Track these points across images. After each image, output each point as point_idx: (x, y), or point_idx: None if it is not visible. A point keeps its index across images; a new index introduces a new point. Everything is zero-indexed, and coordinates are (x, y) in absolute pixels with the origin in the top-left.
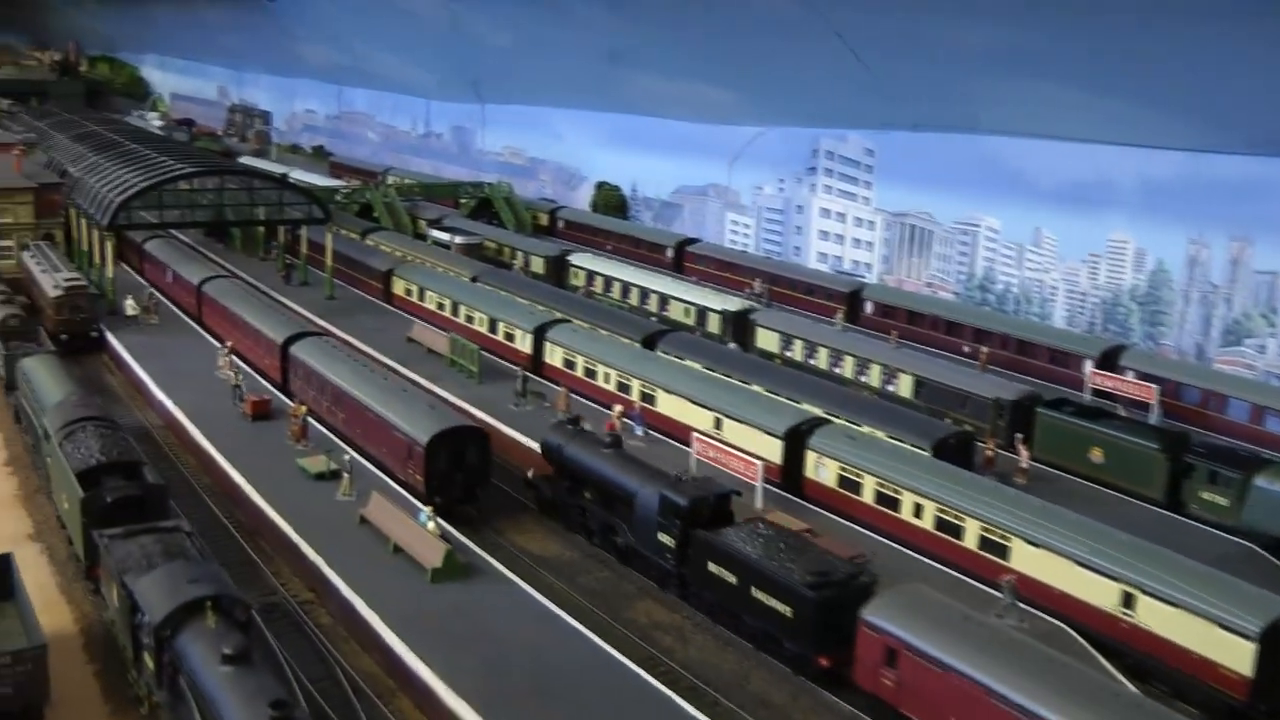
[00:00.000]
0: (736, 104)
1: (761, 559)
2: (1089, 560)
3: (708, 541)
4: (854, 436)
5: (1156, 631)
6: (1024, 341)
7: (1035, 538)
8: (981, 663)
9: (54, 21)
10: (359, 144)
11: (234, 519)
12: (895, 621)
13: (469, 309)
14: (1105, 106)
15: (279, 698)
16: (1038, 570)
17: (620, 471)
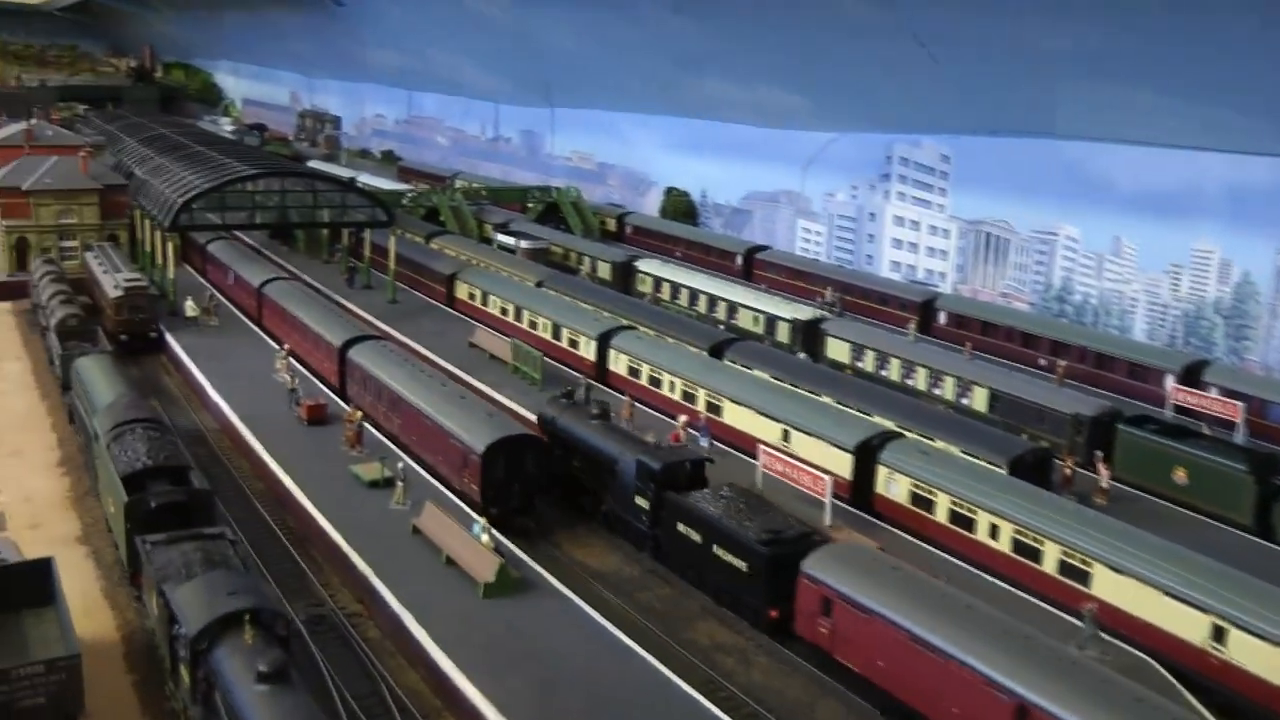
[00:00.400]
0: (809, 109)
1: (722, 518)
2: (1176, 590)
3: (677, 503)
4: (927, 452)
5: (1248, 668)
6: (1102, 355)
7: (1119, 564)
8: (904, 610)
9: (131, 29)
10: (428, 149)
11: (285, 526)
12: (831, 573)
13: (532, 314)
14: (1192, 110)
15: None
16: (1121, 599)
17: (604, 440)
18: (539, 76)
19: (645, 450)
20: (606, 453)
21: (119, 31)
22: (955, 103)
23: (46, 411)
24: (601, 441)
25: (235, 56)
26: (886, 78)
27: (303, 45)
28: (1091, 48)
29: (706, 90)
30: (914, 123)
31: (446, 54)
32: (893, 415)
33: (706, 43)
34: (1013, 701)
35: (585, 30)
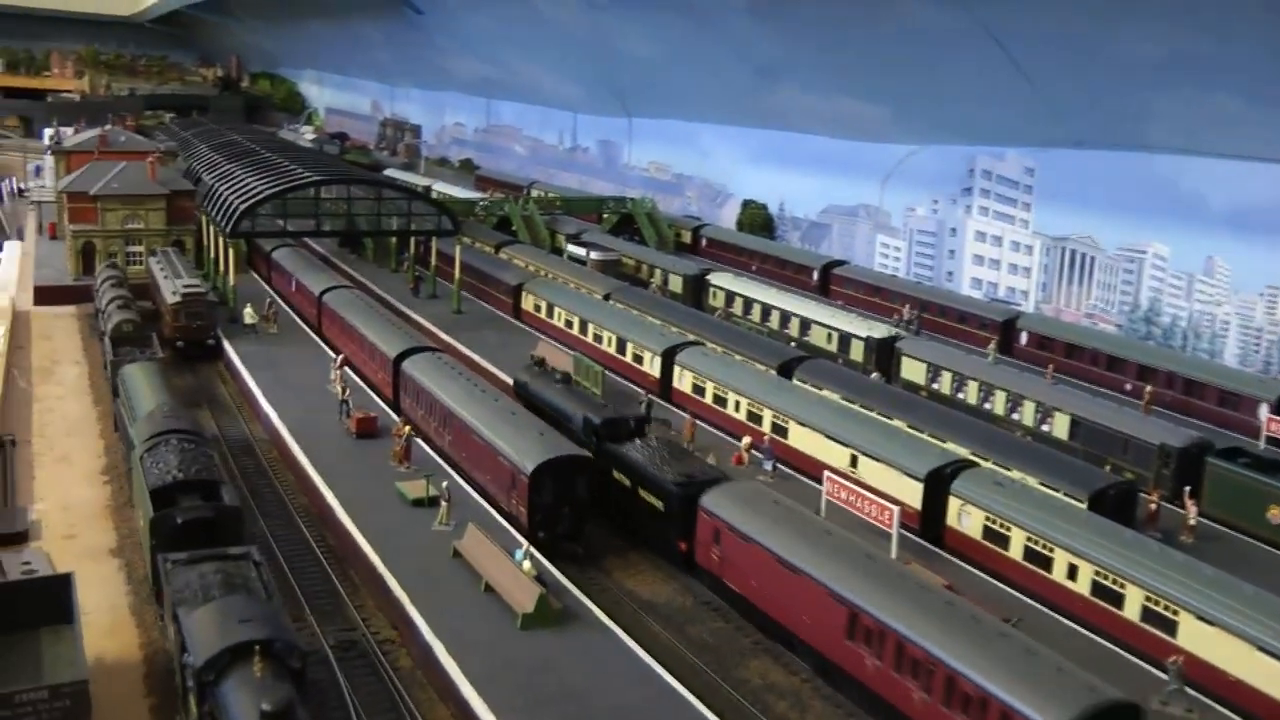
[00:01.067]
0: (889, 120)
1: (646, 464)
2: (1272, 646)
3: (612, 452)
4: (1002, 483)
5: None
6: (1192, 381)
7: (1208, 613)
8: (772, 536)
9: (220, 40)
10: (506, 157)
11: (325, 543)
12: (721, 507)
13: (597, 327)
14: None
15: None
16: (1210, 652)
17: (564, 401)
18: (615, 85)
19: (594, 408)
20: (565, 411)
21: (208, 42)
22: (1040, 113)
23: (98, 418)
24: (561, 402)
25: (319, 66)
26: (969, 86)
27: (384, 54)
28: (1187, 53)
29: (785, 100)
30: (997, 134)
31: (524, 62)
32: (967, 442)
33: (785, 51)
34: (845, 608)
35: (661, 38)
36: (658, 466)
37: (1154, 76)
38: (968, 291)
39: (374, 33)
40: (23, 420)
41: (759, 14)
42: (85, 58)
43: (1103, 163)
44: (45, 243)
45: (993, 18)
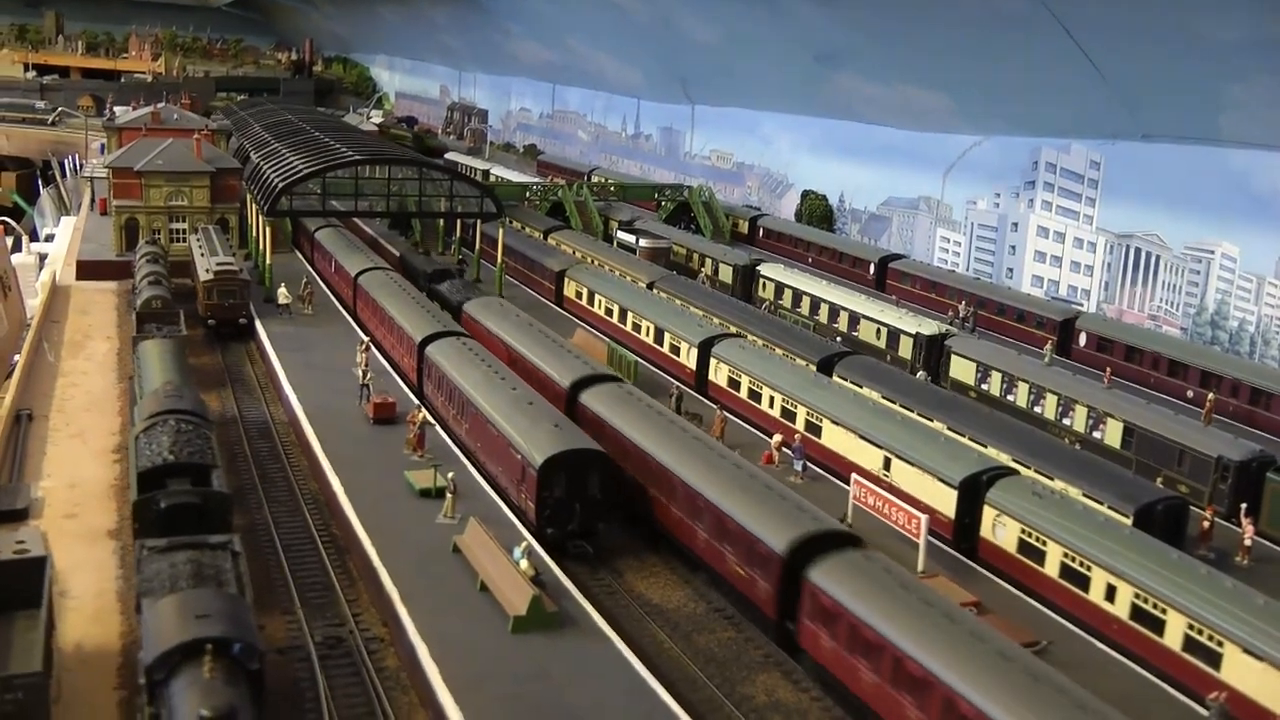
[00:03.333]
0: (953, 110)
1: (448, 293)
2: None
3: (432, 289)
4: (1041, 494)
5: None
6: (1258, 390)
7: (1256, 647)
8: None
9: (295, 24)
10: (570, 143)
11: (327, 533)
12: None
13: (636, 316)
14: None
15: None
16: (1256, 689)
17: (417, 262)
18: (677, 71)
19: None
20: (415, 267)
21: (284, 27)
22: (1108, 103)
23: (119, 395)
24: (418, 264)
25: (390, 50)
26: (1033, 75)
27: (453, 39)
28: (1266, 39)
29: (847, 88)
30: (1063, 125)
31: (588, 47)
32: (1010, 448)
33: (848, 38)
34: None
35: (724, 23)
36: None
37: (1230, 64)
38: (1028, 289)
39: (443, 18)
40: (45, 394)
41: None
42: (162, 40)
43: (1172, 156)
44: (95, 218)
45: (1059, 2)
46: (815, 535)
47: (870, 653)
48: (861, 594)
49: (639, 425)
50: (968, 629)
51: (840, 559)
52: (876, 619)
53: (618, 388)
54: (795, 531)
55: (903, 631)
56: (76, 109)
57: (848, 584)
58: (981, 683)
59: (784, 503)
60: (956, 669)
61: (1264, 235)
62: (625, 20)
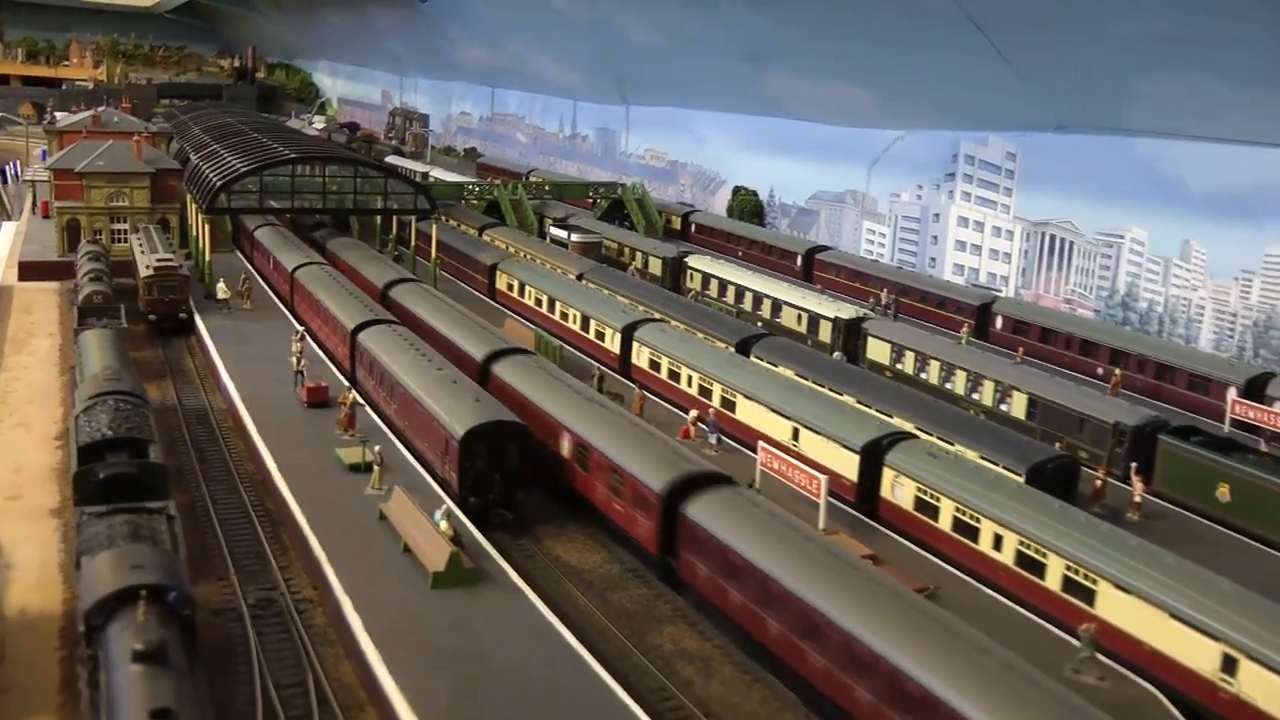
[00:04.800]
0: (878, 105)
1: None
2: (1185, 613)
3: None
4: (936, 455)
5: (1262, 706)
6: (1162, 365)
7: (1125, 582)
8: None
9: (238, 31)
10: (510, 145)
11: (262, 508)
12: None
13: (564, 305)
14: (1270, 102)
15: (163, 706)
16: (1126, 621)
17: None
18: (613, 72)
19: None
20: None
21: (227, 33)
22: (1022, 97)
23: (61, 387)
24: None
25: (334, 56)
26: (952, 71)
27: (396, 44)
28: (1167, 34)
29: (777, 86)
30: (981, 119)
31: (527, 50)
32: (914, 417)
33: (777, 36)
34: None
35: (657, 23)
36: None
37: (1134, 58)
38: (950, 277)
39: (385, 23)
40: None
41: None
42: (104, 47)
43: (1084, 147)
44: (37, 221)
45: (972, 1)
46: (692, 475)
47: (738, 576)
48: (729, 524)
49: (538, 388)
50: (822, 548)
51: (713, 495)
52: (742, 545)
53: (528, 359)
54: (672, 473)
55: (764, 553)
56: (17, 116)
57: (719, 516)
58: (830, 593)
59: (665, 447)
60: (808, 581)
61: (1170, 220)
62: (563, 23)
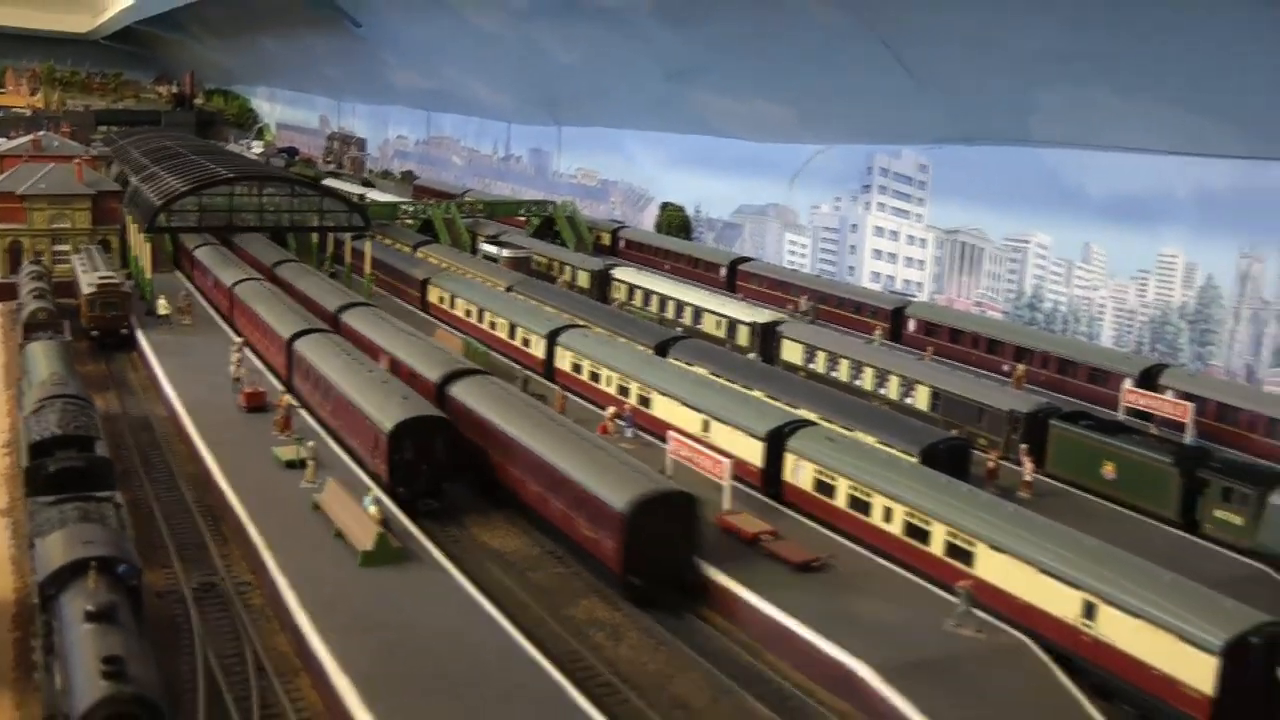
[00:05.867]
0: (797, 121)
1: None
2: (1051, 566)
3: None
4: (834, 439)
5: (1118, 645)
6: (1064, 360)
7: (1000, 543)
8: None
9: (176, 57)
10: (445, 168)
11: (203, 504)
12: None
13: (492, 315)
14: (1162, 114)
15: (114, 653)
16: (1000, 578)
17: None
18: (543, 94)
19: None
20: None
21: (166, 60)
22: (931, 111)
23: (7, 400)
24: None
25: (272, 81)
26: (864, 87)
27: (333, 69)
28: (1064, 50)
29: (701, 104)
30: (894, 133)
31: (459, 74)
32: (819, 409)
33: (697, 56)
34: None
35: (583, 46)
36: None
37: (1035, 74)
38: (868, 284)
39: (322, 48)
40: None
41: (669, 20)
42: (40, 74)
43: (991, 157)
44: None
45: (879, 19)
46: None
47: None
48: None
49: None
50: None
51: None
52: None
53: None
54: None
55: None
56: None
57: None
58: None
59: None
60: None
61: (1072, 225)
62: (495, 46)
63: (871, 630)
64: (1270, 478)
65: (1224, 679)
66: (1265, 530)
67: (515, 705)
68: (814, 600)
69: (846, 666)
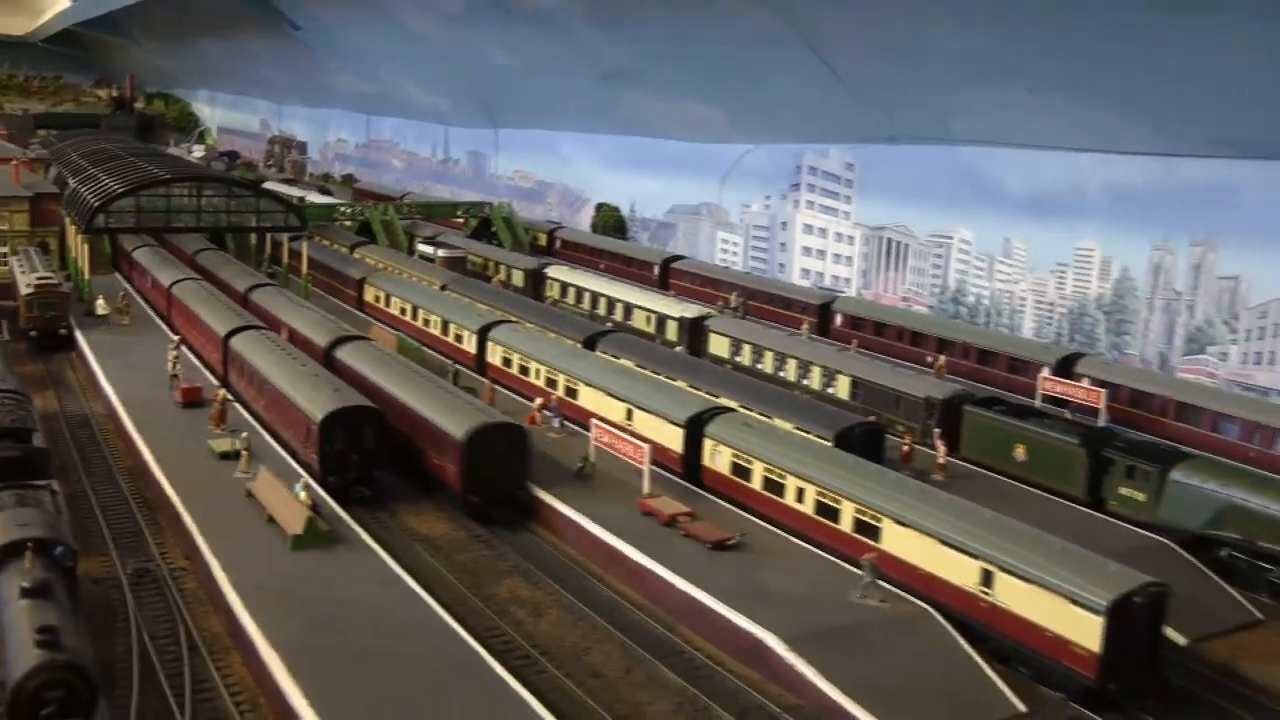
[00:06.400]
0: (727, 122)
1: None
2: (951, 538)
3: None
4: (750, 424)
5: (1013, 609)
6: (985, 351)
7: (904, 517)
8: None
9: (117, 60)
10: (385, 171)
11: (140, 497)
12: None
13: (426, 313)
14: (1075, 112)
15: (47, 624)
16: (904, 550)
17: None
18: (480, 97)
19: None
20: None
21: (106, 63)
22: (856, 111)
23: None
24: None
25: (213, 85)
26: (791, 87)
27: (273, 72)
28: (981, 50)
29: (634, 105)
30: (821, 132)
31: (397, 77)
32: (740, 397)
33: (629, 58)
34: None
35: (518, 49)
36: None
37: (955, 74)
38: (798, 281)
39: (262, 51)
40: None
41: (600, 22)
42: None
43: (914, 156)
44: None
45: (803, 19)
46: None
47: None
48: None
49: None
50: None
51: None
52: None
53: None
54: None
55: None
56: None
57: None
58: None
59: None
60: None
61: (993, 221)
62: (431, 49)
63: (780, 603)
64: (1171, 456)
65: (1110, 637)
66: (1166, 505)
67: (435, 675)
68: (726, 576)
69: (755, 637)
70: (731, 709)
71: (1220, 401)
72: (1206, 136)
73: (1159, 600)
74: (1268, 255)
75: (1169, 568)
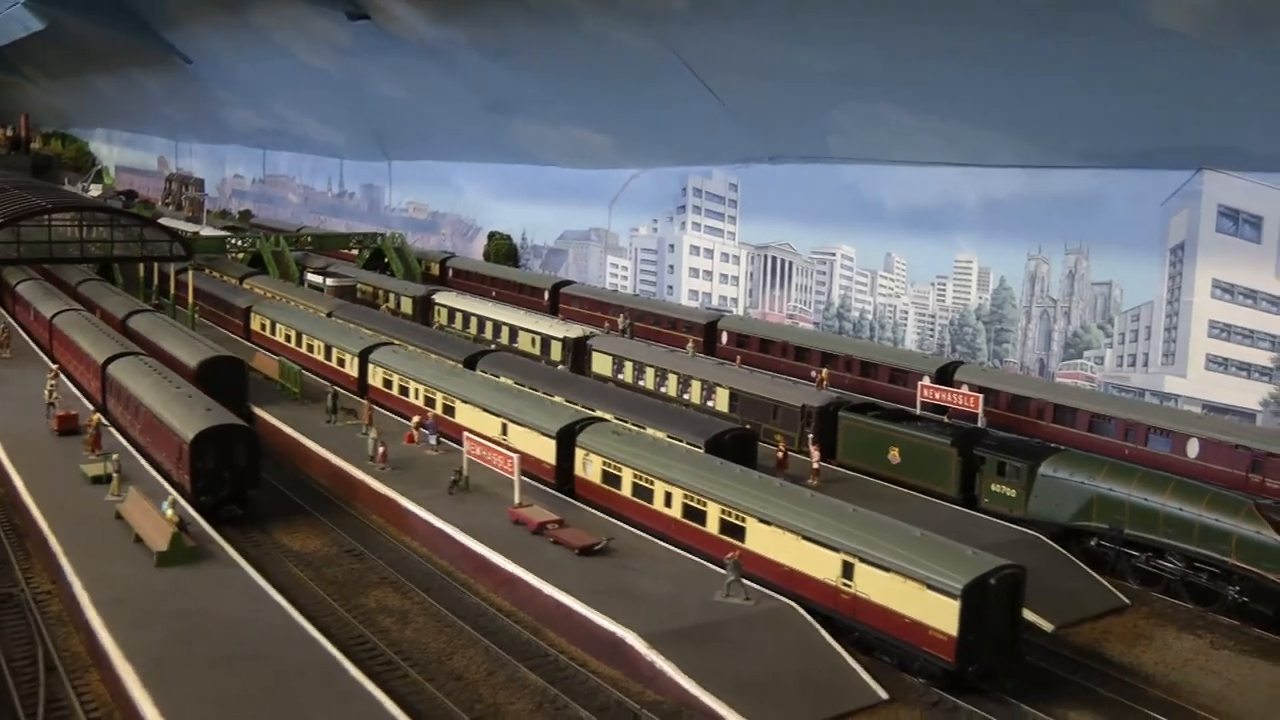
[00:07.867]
0: (614, 147)
1: None
2: (812, 533)
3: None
4: (620, 433)
5: (873, 599)
6: (866, 363)
7: (768, 515)
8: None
9: (10, 99)
10: (282, 206)
11: (10, 524)
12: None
13: (310, 338)
14: (945, 128)
15: None
16: (769, 548)
17: None
18: (372, 129)
19: None
20: None
21: None
22: (738, 132)
23: None
24: None
25: (109, 123)
26: (675, 111)
27: (169, 108)
28: (855, 70)
29: (522, 134)
30: (704, 154)
31: (291, 111)
32: (613, 409)
33: (515, 86)
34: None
35: (407, 80)
36: None
37: (831, 94)
38: (687, 302)
39: (156, 88)
40: None
41: (485, 51)
42: None
43: (795, 175)
44: None
45: (679, 42)
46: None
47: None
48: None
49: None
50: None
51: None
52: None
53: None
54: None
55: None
56: None
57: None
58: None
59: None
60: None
61: (873, 236)
62: (323, 81)
63: (643, 603)
64: (1039, 452)
65: (966, 619)
66: (1035, 499)
67: (291, 680)
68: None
69: (616, 636)
70: (591, 706)
71: (1094, 402)
72: (1076, 148)
73: (1015, 582)
74: (1138, 261)
75: (1039, 559)
